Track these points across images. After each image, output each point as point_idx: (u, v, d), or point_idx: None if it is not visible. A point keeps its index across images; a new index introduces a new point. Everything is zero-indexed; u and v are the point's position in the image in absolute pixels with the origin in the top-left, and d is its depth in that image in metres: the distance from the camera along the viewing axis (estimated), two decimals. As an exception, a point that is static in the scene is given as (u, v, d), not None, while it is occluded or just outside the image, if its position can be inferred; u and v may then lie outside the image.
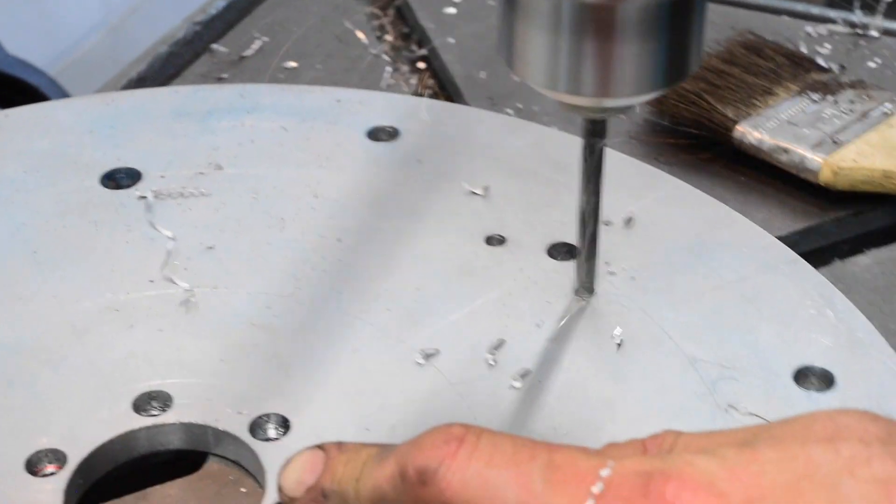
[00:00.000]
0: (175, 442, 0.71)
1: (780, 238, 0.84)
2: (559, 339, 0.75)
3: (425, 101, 0.92)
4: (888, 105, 0.93)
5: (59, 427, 0.70)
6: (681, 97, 0.93)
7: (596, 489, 0.54)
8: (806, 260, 0.81)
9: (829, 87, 0.94)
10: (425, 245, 0.81)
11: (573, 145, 0.76)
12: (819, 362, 0.73)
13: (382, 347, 0.74)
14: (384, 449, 0.60)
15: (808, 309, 0.76)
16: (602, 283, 0.78)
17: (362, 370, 0.73)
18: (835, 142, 0.90)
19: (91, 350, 0.74)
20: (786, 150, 0.90)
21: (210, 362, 0.74)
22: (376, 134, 0.89)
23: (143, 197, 0.84)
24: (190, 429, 0.71)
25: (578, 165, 0.72)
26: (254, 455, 0.69)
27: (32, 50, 1.38)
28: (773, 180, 0.92)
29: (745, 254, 0.80)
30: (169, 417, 0.71)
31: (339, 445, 0.62)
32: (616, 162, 0.86)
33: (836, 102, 0.93)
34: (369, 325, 0.76)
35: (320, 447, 0.62)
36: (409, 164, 0.87)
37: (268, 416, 0.71)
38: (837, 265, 0.89)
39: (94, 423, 0.70)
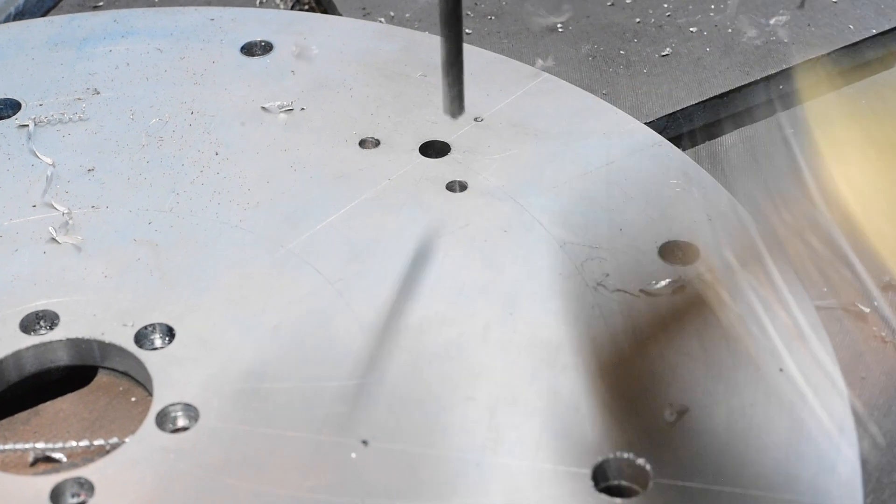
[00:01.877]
0: (64, 358, 0.72)
1: (648, 123, 0.87)
2: (434, 233, 0.77)
3: (298, 14, 0.93)
4: None
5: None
6: None
7: None
8: (675, 143, 0.84)
9: None
10: (301, 152, 0.82)
11: (438, 47, 0.79)
12: (684, 237, 0.76)
13: (262, 252, 0.76)
14: None
15: (674, 188, 0.79)
16: (475, 177, 0.80)
17: (243, 276, 0.75)
18: None
19: (-24, 276, 0.76)
20: None
21: (94, 279, 0.75)
22: (250, 49, 0.90)
23: (24, 125, 0.85)
24: (77, 344, 0.72)
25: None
26: (141, 365, 0.71)
27: None
28: None
29: (611, 140, 0.82)
30: (56, 335, 0.73)
31: None
32: (485, 59, 0.88)
33: None
34: (249, 232, 0.77)
35: None
36: (284, 76, 0.88)
37: (153, 326, 0.73)
38: (706, 146, 0.92)
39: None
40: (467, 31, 0.94)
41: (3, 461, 0.69)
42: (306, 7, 1.03)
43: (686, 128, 0.91)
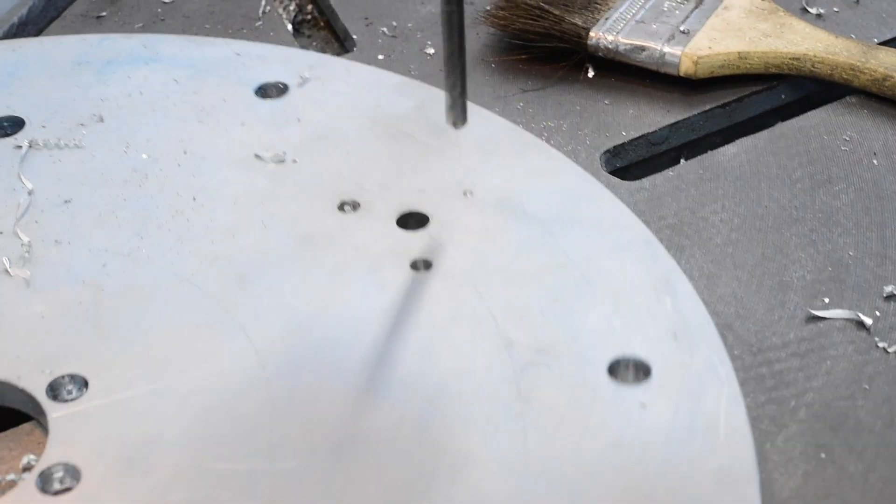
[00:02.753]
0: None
1: (651, 134, 0.87)
2: (379, 314, 0.73)
3: (322, 58, 0.90)
4: None
5: None
6: (525, 12, 0.92)
7: None
8: (679, 153, 0.83)
9: None
10: (277, 208, 0.79)
11: None
12: (640, 353, 0.70)
13: (202, 311, 0.73)
14: None
15: (647, 295, 0.73)
16: (443, 256, 0.76)
17: (174, 334, 0.72)
18: (684, 32, 0.91)
19: (-80, 299, 0.75)
20: (643, 48, 0.91)
21: (30, 318, 0.73)
22: (265, 90, 0.87)
23: (19, 147, 0.84)
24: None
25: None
26: (43, 416, 0.69)
27: None
28: (634, 78, 0.92)
29: (599, 233, 0.77)
30: (-24, 372, 0.71)
31: None
32: (493, 127, 0.84)
33: None
34: (196, 287, 0.75)
35: None
36: (289, 123, 0.85)
37: (70, 376, 0.70)
38: (707, 156, 0.88)
39: None
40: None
41: None
42: (309, 17, 1.00)
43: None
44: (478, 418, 0.67)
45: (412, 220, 0.79)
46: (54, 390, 0.70)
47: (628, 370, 0.70)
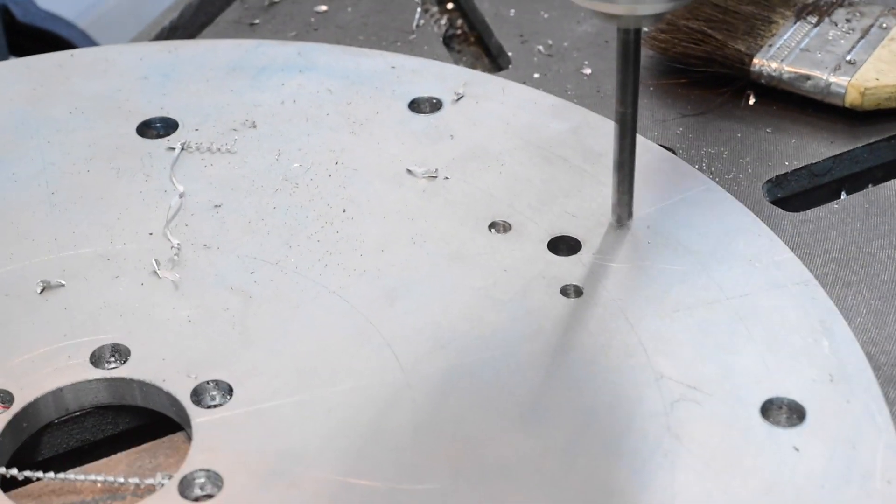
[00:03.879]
0: (103, 398, 0.71)
1: (813, 165, 0.85)
2: (528, 339, 0.72)
3: (478, 75, 0.89)
4: (882, 19, 0.92)
5: (12, 368, 0.71)
6: (687, 36, 0.90)
7: None
8: (840, 186, 0.82)
9: (820, 9, 0.92)
10: (427, 224, 0.78)
11: (611, 133, 0.75)
12: (794, 395, 0.68)
13: (349, 325, 0.73)
14: None
15: (804, 336, 0.71)
16: (594, 284, 0.74)
17: (321, 346, 0.72)
18: (850, 62, 0.89)
19: (70, 296, 0.75)
20: (808, 77, 0.89)
21: (178, 322, 0.73)
22: (418, 104, 0.87)
23: (172, 149, 0.84)
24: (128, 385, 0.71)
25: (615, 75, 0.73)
26: (187, 419, 0.69)
27: (58, 4, 1.39)
28: (796, 107, 0.90)
29: (756, 268, 0.75)
30: (122, 372, 0.71)
31: None
32: (651, 155, 0.82)
33: (834, 23, 0.92)
34: (344, 301, 0.74)
35: None
36: (441, 139, 0.84)
37: (214, 382, 0.70)
38: (872, 190, 0.86)
39: (47, 369, 0.71)
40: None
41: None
42: (459, 31, 0.99)
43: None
44: (625, 451, 0.66)
45: (563, 245, 0.78)
46: (198, 395, 0.70)
47: (782, 412, 0.68)
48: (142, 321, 0.73)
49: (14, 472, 0.68)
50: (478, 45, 1.00)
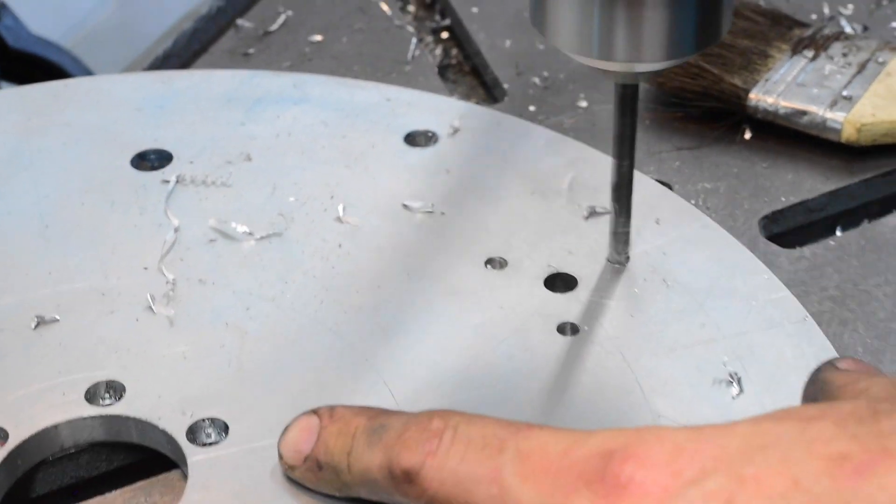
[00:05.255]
0: (98, 434, 0.71)
1: (809, 201, 0.86)
2: (523, 377, 0.72)
3: (474, 108, 0.89)
4: (879, 54, 0.92)
5: (7, 405, 0.71)
6: (683, 70, 0.90)
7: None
8: (836, 221, 0.83)
9: (816, 43, 0.92)
10: (423, 260, 0.78)
11: (608, 167, 0.75)
12: (792, 435, 0.68)
13: (345, 363, 0.73)
14: (373, 420, 0.63)
15: (800, 375, 0.71)
16: (591, 321, 0.74)
17: (317, 383, 0.72)
18: (846, 98, 0.89)
19: (65, 332, 0.75)
20: (804, 113, 0.89)
21: (173, 358, 0.73)
22: (414, 138, 0.87)
23: (167, 181, 0.84)
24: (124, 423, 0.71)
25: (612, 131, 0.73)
26: (182, 457, 0.69)
27: (43, 23, 1.38)
28: (792, 142, 0.90)
29: (752, 307, 0.75)
30: (117, 409, 0.71)
31: (331, 412, 0.65)
32: (647, 191, 0.82)
33: (830, 58, 0.91)
34: (340, 338, 0.74)
35: (314, 412, 0.66)
36: (438, 173, 0.84)
37: (210, 420, 0.70)
38: (868, 227, 0.86)
39: (42, 406, 0.71)
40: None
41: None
42: (454, 62, 0.99)
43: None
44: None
45: (560, 282, 0.77)
46: (194, 433, 0.70)
47: (779, 453, 0.68)
48: (137, 357, 0.73)
49: (8, 510, 0.67)
50: (473, 76, 1.00)
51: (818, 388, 0.64)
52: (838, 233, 0.86)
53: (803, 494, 0.53)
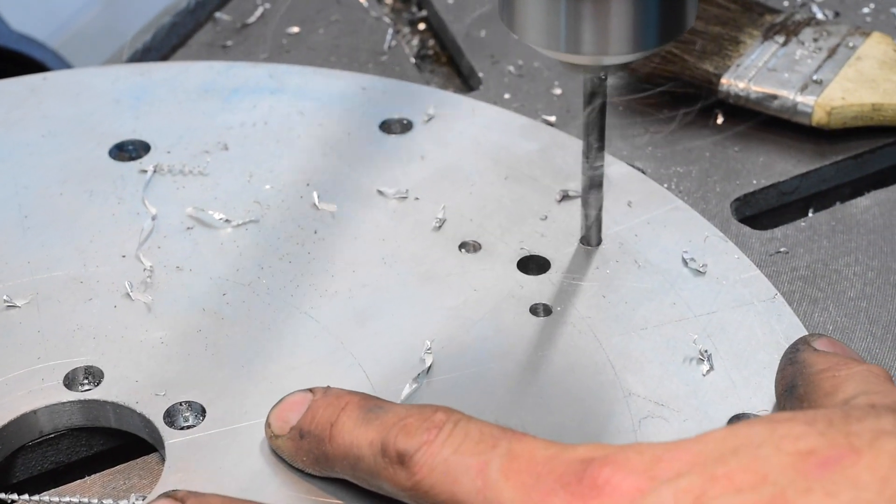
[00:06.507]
0: (77, 420, 0.72)
1: (781, 183, 0.86)
2: (497, 355, 0.72)
3: (449, 95, 0.90)
4: (849, 39, 0.93)
5: (-15, 392, 0.72)
6: (655, 55, 0.91)
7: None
8: (808, 204, 0.84)
9: (787, 28, 0.93)
10: (398, 245, 0.79)
11: (580, 152, 0.76)
12: (760, 411, 0.69)
13: (320, 346, 0.73)
14: (368, 400, 0.65)
15: (770, 352, 0.72)
16: (564, 302, 0.75)
17: (291, 367, 0.72)
18: (816, 82, 0.90)
19: (45, 319, 0.75)
20: (775, 97, 0.90)
21: (150, 344, 0.74)
22: (389, 126, 0.88)
23: (144, 171, 0.85)
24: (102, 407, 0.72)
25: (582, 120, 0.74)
26: (160, 441, 0.70)
27: (31, 23, 1.39)
28: (763, 126, 0.91)
29: (723, 286, 0.76)
30: (95, 394, 0.72)
31: (326, 389, 0.67)
32: (620, 174, 0.83)
33: (801, 43, 0.92)
34: (315, 322, 0.75)
35: (311, 390, 0.67)
36: (412, 160, 0.85)
37: (187, 403, 0.71)
38: (839, 208, 0.87)
39: (21, 392, 0.72)
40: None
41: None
42: (430, 52, 1.00)
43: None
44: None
45: (533, 265, 0.78)
46: (171, 417, 0.71)
47: (748, 428, 0.69)
48: (115, 343, 0.74)
49: (-12, 494, 0.68)
50: (449, 66, 1.01)
51: (797, 370, 0.66)
52: (810, 214, 0.87)
53: (770, 487, 0.55)
